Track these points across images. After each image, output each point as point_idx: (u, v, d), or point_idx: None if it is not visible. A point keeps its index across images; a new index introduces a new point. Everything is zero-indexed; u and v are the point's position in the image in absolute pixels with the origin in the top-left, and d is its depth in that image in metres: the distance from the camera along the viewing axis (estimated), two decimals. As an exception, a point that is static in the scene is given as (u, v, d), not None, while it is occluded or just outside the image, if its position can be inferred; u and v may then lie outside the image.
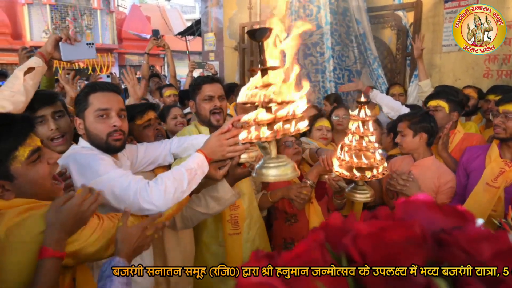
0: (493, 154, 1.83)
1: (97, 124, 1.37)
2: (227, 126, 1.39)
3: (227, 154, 1.40)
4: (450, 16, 3.67)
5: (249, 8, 5.63)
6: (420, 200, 0.38)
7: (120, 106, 1.42)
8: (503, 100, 1.79)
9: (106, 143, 1.38)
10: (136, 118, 1.84)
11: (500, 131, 1.75)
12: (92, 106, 1.37)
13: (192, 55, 10.51)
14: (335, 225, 0.38)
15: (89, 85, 1.43)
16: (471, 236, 0.27)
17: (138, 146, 1.68)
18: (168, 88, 4.16)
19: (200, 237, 1.99)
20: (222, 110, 1.92)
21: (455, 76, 3.72)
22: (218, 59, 6.49)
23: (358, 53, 4.10)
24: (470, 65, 3.61)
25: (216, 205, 1.58)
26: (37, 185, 1.05)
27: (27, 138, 1.04)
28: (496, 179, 1.77)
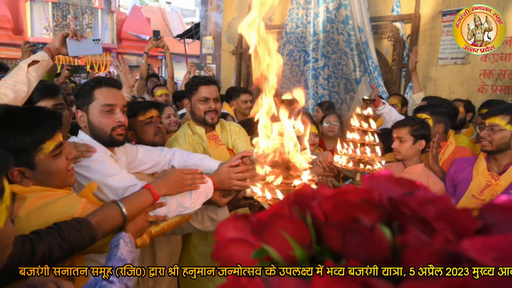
0: (480, 167, 1.84)
1: (102, 118, 1.42)
2: (237, 160, 1.48)
3: (234, 187, 1.48)
4: (448, 29, 3.73)
5: (247, 13, 5.69)
6: (382, 174, 0.39)
7: (124, 102, 1.48)
8: (489, 113, 1.81)
9: (110, 137, 1.43)
10: (138, 114, 1.86)
11: (486, 143, 1.77)
12: (97, 101, 1.42)
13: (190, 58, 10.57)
14: (305, 193, 0.40)
15: (95, 80, 1.47)
16: (419, 199, 0.29)
17: (138, 147, 1.71)
18: (160, 87, 4.16)
19: (188, 238, 2.01)
20: (217, 111, 1.99)
21: (450, 89, 3.77)
22: (215, 62, 6.54)
23: (359, 61, 4.14)
24: (466, 79, 3.66)
25: (210, 225, 1.62)
26: (54, 176, 1.15)
27: (55, 133, 1.14)
28: (482, 192, 1.79)
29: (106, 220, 1.15)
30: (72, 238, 1.02)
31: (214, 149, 1.98)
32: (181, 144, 1.94)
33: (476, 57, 3.53)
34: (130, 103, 1.94)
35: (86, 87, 1.45)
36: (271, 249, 0.32)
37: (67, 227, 1.03)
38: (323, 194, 0.36)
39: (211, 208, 1.59)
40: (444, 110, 2.31)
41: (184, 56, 9.90)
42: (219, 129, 2.08)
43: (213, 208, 1.59)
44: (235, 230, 0.35)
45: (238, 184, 1.48)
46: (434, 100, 2.81)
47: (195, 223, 1.60)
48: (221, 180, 1.48)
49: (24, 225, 1.02)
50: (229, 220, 0.38)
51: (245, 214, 0.38)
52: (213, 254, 0.33)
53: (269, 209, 0.35)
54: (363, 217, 0.29)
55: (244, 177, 1.47)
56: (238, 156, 1.49)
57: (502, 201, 0.31)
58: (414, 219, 0.28)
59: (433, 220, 0.27)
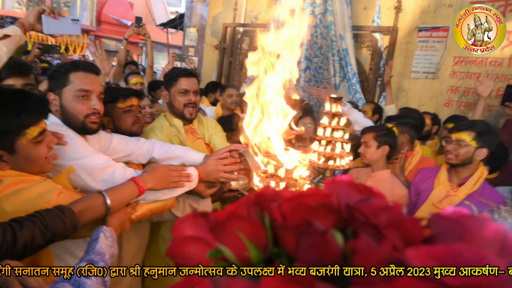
0: (442, 177, 1.93)
1: (76, 104, 1.36)
2: (225, 153, 1.49)
3: (220, 179, 1.50)
4: (422, 45, 3.88)
5: (234, 9, 5.67)
6: (343, 180, 0.41)
7: (101, 89, 1.43)
8: (456, 128, 1.90)
9: (83, 124, 1.37)
10: (118, 100, 1.79)
11: (452, 157, 1.85)
12: (72, 85, 1.36)
13: (172, 49, 10.38)
14: (267, 194, 0.41)
15: (72, 63, 1.41)
16: (373, 206, 0.31)
17: (113, 136, 1.65)
18: (135, 75, 4.03)
19: (157, 231, 1.97)
20: (196, 105, 1.95)
21: (420, 102, 3.92)
22: (197, 55, 6.46)
23: (339, 67, 4.23)
24: (434, 94, 3.82)
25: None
26: (32, 162, 1.12)
27: (41, 119, 1.12)
28: (442, 201, 1.88)
29: (89, 209, 1.14)
30: (54, 226, 1.00)
31: (192, 142, 1.96)
32: (158, 135, 1.89)
33: (445, 73, 3.70)
34: (111, 88, 1.90)
35: (62, 70, 1.38)
36: (226, 249, 0.32)
37: (49, 215, 1.01)
38: (283, 196, 0.37)
39: (194, 197, 1.59)
40: (410, 121, 2.40)
41: (166, 45, 9.70)
42: (197, 123, 2.05)
43: (195, 198, 1.59)
44: (193, 227, 0.35)
45: (225, 176, 1.49)
46: (405, 110, 2.91)
47: (176, 210, 1.57)
48: (207, 171, 1.48)
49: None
50: (187, 217, 0.38)
51: (205, 212, 0.38)
52: (168, 251, 0.33)
53: (227, 208, 0.36)
54: (318, 221, 0.30)
55: (232, 170, 1.49)
56: (226, 149, 1.51)
57: (448, 212, 0.34)
58: (367, 225, 0.30)
59: (383, 227, 0.29)
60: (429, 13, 3.82)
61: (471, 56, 3.47)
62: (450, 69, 3.66)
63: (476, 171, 1.86)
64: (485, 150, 1.79)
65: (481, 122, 1.86)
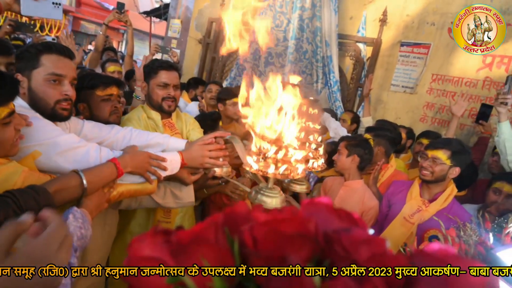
0: (414, 192, 1.97)
1: (46, 88, 1.28)
2: (210, 138, 1.46)
3: (205, 165, 1.46)
4: (403, 59, 3.96)
5: (221, 4, 5.59)
6: (322, 202, 0.37)
7: (74, 75, 1.35)
8: (432, 145, 1.93)
9: (53, 110, 1.29)
10: (97, 88, 1.71)
11: (427, 173, 1.89)
12: (43, 68, 1.28)
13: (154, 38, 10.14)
14: (239, 212, 0.37)
15: (44, 44, 1.32)
16: (354, 238, 0.28)
17: (85, 122, 1.56)
18: (113, 63, 3.85)
19: (126, 226, 1.91)
20: (175, 99, 1.92)
21: (397, 115, 4.01)
22: (180, 47, 6.32)
23: (322, 73, 4.25)
24: (411, 108, 3.91)
25: (171, 201, 1.57)
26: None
27: (10, 100, 1.06)
28: (413, 216, 1.91)
29: (65, 189, 1.10)
30: (28, 206, 0.95)
31: None
32: (135, 126, 1.83)
33: (422, 89, 3.80)
34: (91, 74, 1.82)
35: (32, 50, 1.29)
36: (187, 279, 0.28)
37: (23, 195, 0.96)
38: (256, 218, 0.33)
39: (174, 184, 1.55)
40: (387, 135, 2.44)
41: (148, 34, 9.45)
42: (175, 117, 2.00)
43: (178, 184, 1.55)
44: (151, 247, 0.31)
45: (210, 162, 1.46)
46: (382, 123, 2.95)
47: (155, 196, 1.53)
48: (192, 157, 1.45)
49: None
50: (147, 235, 0.34)
51: (167, 229, 0.34)
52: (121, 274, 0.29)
53: (193, 229, 0.32)
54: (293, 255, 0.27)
55: (217, 156, 1.46)
56: (211, 135, 1.48)
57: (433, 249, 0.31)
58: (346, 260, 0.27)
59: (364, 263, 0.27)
60: (412, 29, 3.91)
61: (448, 75, 3.59)
62: (427, 85, 3.76)
63: (446, 188, 1.90)
64: (458, 169, 1.84)
65: (456, 142, 1.90)
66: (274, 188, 1.23)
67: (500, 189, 2.08)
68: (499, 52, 3.22)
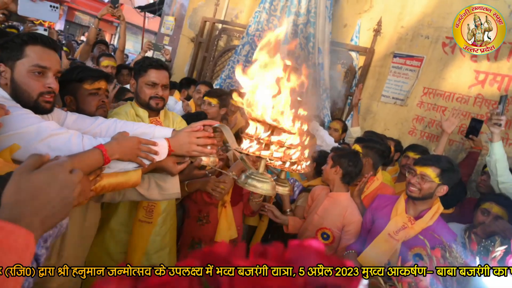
0: (399, 208, 1.92)
1: (30, 80, 1.26)
2: (199, 126, 1.41)
3: (193, 152, 1.40)
4: (395, 71, 3.96)
5: (216, 4, 5.52)
6: (312, 246, 0.31)
7: (59, 67, 1.34)
8: (421, 162, 1.89)
9: (36, 102, 1.28)
10: (85, 81, 1.69)
11: (414, 190, 1.84)
12: (28, 59, 1.26)
13: (147, 33, 10.01)
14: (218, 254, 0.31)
15: (30, 35, 1.29)
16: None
17: (68, 114, 1.53)
18: (107, 57, 3.83)
19: (106, 223, 1.88)
20: (164, 99, 1.91)
21: (386, 126, 4.00)
22: (172, 45, 6.23)
23: (312, 80, 4.22)
24: (400, 120, 3.91)
25: (156, 193, 1.52)
26: None
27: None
28: (398, 232, 1.86)
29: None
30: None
31: None
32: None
33: (413, 101, 3.79)
34: (79, 67, 1.79)
35: (17, 40, 1.27)
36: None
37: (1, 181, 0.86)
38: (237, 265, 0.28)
39: (159, 175, 1.50)
40: (376, 146, 2.41)
41: (141, 29, 9.32)
42: (163, 116, 1.98)
43: (162, 175, 1.50)
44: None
45: (197, 149, 1.40)
46: (370, 134, 2.93)
47: (139, 188, 1.46)
48: (179, 144, 1.40)
49: None
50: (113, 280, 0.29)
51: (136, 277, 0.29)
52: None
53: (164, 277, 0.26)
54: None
55: (205, 143, 1.41)
56: (200, 123, 1.43)
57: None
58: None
59: None
60: (406, 41, 3.91)
61: (439, 89, 3.59)
62: (418, 98, 3.75)
63: (433, 206, 1.87)
64: (446, 187, 1.81)
65: (445, 159, 1.87)
66: (265, 174, 1.18)
67: (488, 210, 2.05)
68: (492, 70, 3.24)
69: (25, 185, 0.65)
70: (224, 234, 2.22)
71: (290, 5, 4.07)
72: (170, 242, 2.05)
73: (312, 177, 2.70)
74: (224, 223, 2.20)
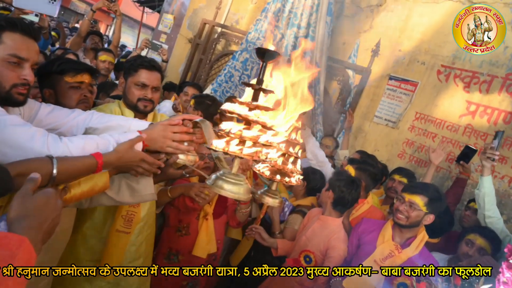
0: (386, 234, 1.89)
1: (4, 69, 1.16)
2: (178, 120, 1.30)
3: (167, 148, 1.28)
4: (389, 93, 3.98)
5: (217, 7, 5.48)
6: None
7: (37, 59, 1.25)
8: (410, 189, 1.87)
9: (8, 94, 1.17)
10: (67, 73, 1.59)
11: (402, 218, 1.82)
12: (4, 46, 1.15)
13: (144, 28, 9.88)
14: None
15: (8, 20, 1.18)
16: None
17: (42, 105, 1.42)
18: (106, 52, 3.77)
19: (79, 227, 1.75)
20: (153, 102, 1.79)
21: (376, 147, 4.00)
22: (168, 44, 6.14)
23: None
24: (390, 142, 3.92)
25: (127, 196, 1.38)
26: None
27: None
28: (384, 260, 1.83)
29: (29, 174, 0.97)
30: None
31: None
32: None
33: (405, 125, 3.82)
34: (61, 58, 1.69)
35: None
36: None
37: None
38: None
39: (131, 175, 1.35)
40: (370, 169, 2.40)
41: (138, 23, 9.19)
42: (151, 118, 1.88)
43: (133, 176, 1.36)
44: None
45: (173, 145, 1.27)
46: (363, 155, 2.91)
47: (108, 190, 1.32)
48: (153, 137, 1.26)
49: None
50: None
51: None
52: None
53: None
54: None
55: (182, 139, 1.28)
56: (179, 117, 1.32)
57: None
58: None
59: None
60: (402, 65, 3.95)
61: (431, 115, 3.62)
62: (410, 122, 3.78)
63: (418, 234, 1.85)
64: (432, 216, 1.80)
65: (434, 188, 1.86)
66: (239, 175, 1.03)
67: (472, 241, 2.05)
68: (484, 102, 3.28)
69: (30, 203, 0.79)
70: (203, 248, 2.14)
71: (292, 17, 4.06)
72: (145, 252, 1.93)
73: (302, 196, 2.65)
74: (204, 236, 2.12)
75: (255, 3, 5.41)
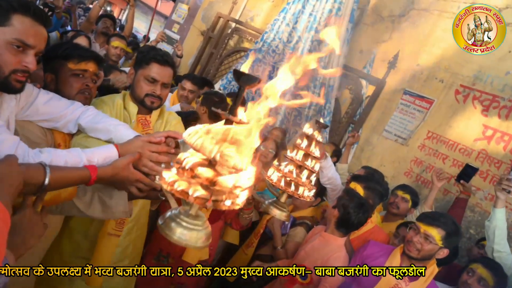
0: (394, 263, 1.78)
1: (6, 52, 1.09)
2: (160, 137, 1.22)
3: (142, 168, 1.20)
4: (402, 108, 3.85)
5: (233, 2, 5.35)
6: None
7: (42, 47, 1.18)
8: (427, 220, 1.74)
9: (6, 79, 1.11)
10: (71, 59, 1.49)
11: (413, 250, 1.70)
12: (11, 29, 1.08)
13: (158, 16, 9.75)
14: None
15: (22, 2, 1.10)
16: None
17: (40, 92, 1.35)
18: (119, 39, 3.66)
19: (66, 220, 1.67)
20: (161, 99, 1.68)
21: (382, 162, 3.87)
22: (180, 34, 6.03)
23: None
24: (398, 159, 3.79)
25: (99, 210, 1.28)
26: None
27: None
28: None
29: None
30: None
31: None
32: (106, 111, 1.60)
33: (414, 143, 3.68)
34: (68, 43, 1.61)
35: (4, 4, 1.08)
36: None
37: None
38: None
39: (105, 189, 1.26)
40: (377, 188, 2.28)
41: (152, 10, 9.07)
42: (155, 116, 1.76)
43: (107, 190, 1.27)
44: None
45: (148, 165, 1.19)
46: (370, 171, 2.79)
47: (79, 202, 1.22)
48: (129, 154, 1.19)
49: None
50: None
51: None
52: None
53: None
54: None
55: (159, 160, 1.20)
56: (162, 134, 1.23)
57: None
58: None
59: None
60: (419, 80, 3.81)
61: (444, 136, 3.49)
62: (421, 141, 3.64)
63: (429, 267, 1.73)
64: (447, 251, 1.67)
65: (451, 222, 1.73)
66: (199, 217, 0.83)
67: (474, 270, 1.98)
68: (501, 128, 3.14)
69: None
70: (193, 254, 2.04)
71: (312, 21, 3.93)
72: (132, 253, 1.81)
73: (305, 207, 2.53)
74: None
75: (272, 1, 5.28)
